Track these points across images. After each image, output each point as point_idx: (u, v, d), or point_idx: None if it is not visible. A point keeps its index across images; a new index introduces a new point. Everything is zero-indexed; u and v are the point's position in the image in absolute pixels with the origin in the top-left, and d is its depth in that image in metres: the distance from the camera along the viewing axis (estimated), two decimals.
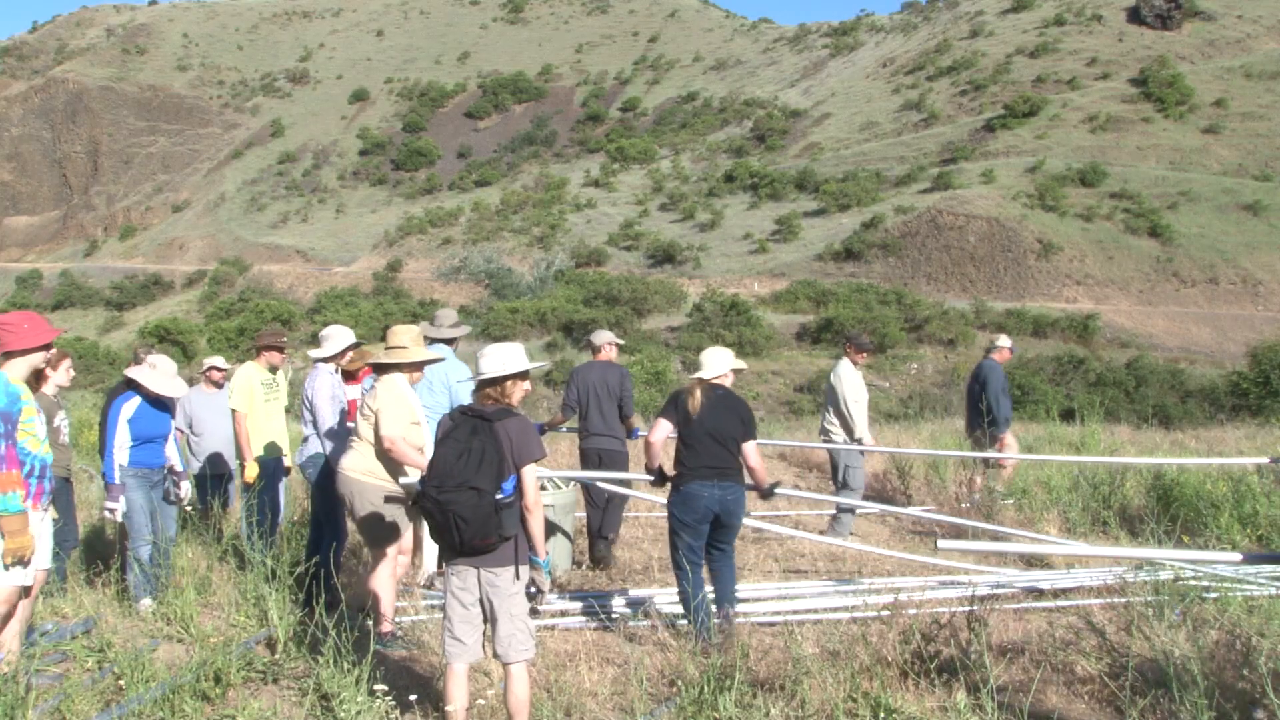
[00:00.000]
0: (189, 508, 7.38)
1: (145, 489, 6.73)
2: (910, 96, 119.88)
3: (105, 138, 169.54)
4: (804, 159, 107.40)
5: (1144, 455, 12.24)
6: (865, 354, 9.86)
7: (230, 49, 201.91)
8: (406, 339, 5.80)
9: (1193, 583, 6.57)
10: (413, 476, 5.66)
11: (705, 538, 6.16)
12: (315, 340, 7.20)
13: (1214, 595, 6.14)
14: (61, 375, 6.55)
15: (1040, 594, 6.99)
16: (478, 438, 4.48)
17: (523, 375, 4.75)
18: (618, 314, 52.47)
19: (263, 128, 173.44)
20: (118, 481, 6.61)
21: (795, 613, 6.49)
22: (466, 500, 4.36)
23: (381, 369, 5.84)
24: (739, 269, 75.36)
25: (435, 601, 6.75)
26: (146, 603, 6.49)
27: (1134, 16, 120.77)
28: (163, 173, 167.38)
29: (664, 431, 6.24)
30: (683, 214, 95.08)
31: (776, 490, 6.43)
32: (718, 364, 6.35)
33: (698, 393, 6.18)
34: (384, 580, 5.93)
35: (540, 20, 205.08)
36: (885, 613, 5.99)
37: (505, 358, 4.71)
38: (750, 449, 6.20)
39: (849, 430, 9.32)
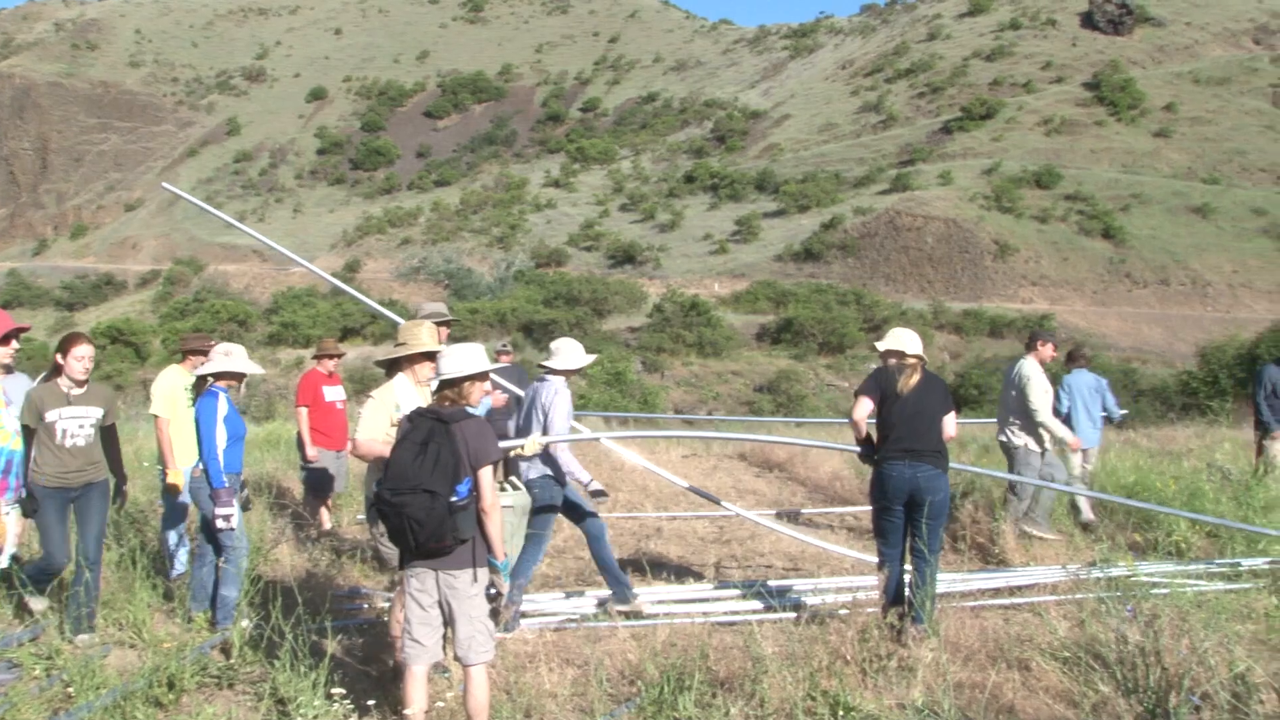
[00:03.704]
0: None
1: (234, 496, 6.33)
2: (869, 98, 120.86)
3: (54, 135, 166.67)
4: (764, 160, 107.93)
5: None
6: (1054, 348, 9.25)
7: (184, 46, 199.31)
8: (409, 335, 5.63)
9: (1144, 579, 6.67)
10: None
11: (903, 519, 6.14)
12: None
13: (1165, 591, 6.23)
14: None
15: (996, 592, 7.06)
16: (434, 440, 4.44)
17: (481, 376, 4.72)
18: (578, 314, 52.40)
19: (218, 126, 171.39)
20: (226, 485, 6.15)
21: (755, 612, 6.51)
22: (420, 503, 4.32)
23: (389, 369, 5.69)
24: (699, 269, 75.58)
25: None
26: (246, 624, 5.94)
27: (1087, 21, 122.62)
28: (115, 171, 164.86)
29: (866, 409, 6.20)
30: (643, 214, 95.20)
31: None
32: (918, 343, 6.33)
33: (916, 374, 6.17)
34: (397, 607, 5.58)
35: (500, 20, 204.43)
36: (844, 611, 6.02)
37: (464, 359, 4.68)
38: (949, 420, 6.21)
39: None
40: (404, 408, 5.37)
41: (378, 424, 5.40)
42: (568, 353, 6.76)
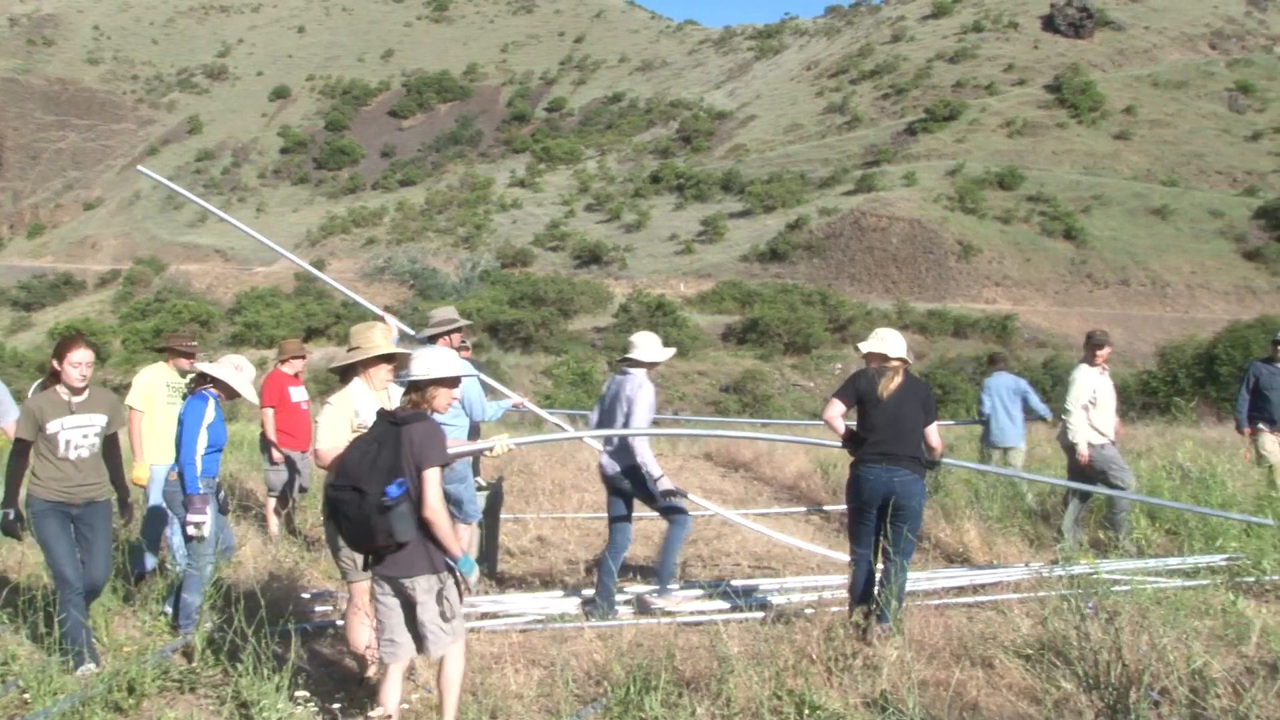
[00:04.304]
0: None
1: (214, 501, 6.22)
2: (834, 99, 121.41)
3: (10, 132, 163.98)
4: (729, 160, 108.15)
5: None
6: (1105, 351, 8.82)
7: (144, 43, 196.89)
8: (361, 339, 5.45)
9: (1105, 576, 6.75)
10: None
11: (874, 521, 6.09)
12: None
13: (1125, 588, 6.31)
14: None
15: (960, 590, 7.12)
16: (384, 440, 4.44)
17: (451, 383, 4.68)
18: (544, 315, 52.30)
19: (179, 124, 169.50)
20: (201, 491, 6.02)
21: (721, 611, 6.52)
22: (350, 500, 4.33)
23: (343, 375, 5.53)
24: (665, 270, 75.60)
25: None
26: (208, 626, 5.80)
27: (1048, 24, 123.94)
28: (73, 169, 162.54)
29: (837, 410, 6.17)
30: (609, 215, 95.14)
31: (941, 462, 6.45)
32: (902, 345, 6.31)
33: (897, 378, 6.14)
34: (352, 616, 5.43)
35: (465, 19, 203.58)
36: (810, 610, 6.05)
37: (432, 362, 4.63)
38: (932, 431, 6.20)
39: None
40: (362, 413, 5.26)
41: (338, 432, 5.24)
42: (649, 346, 6.90)
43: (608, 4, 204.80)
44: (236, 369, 6.28)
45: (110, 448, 5.95)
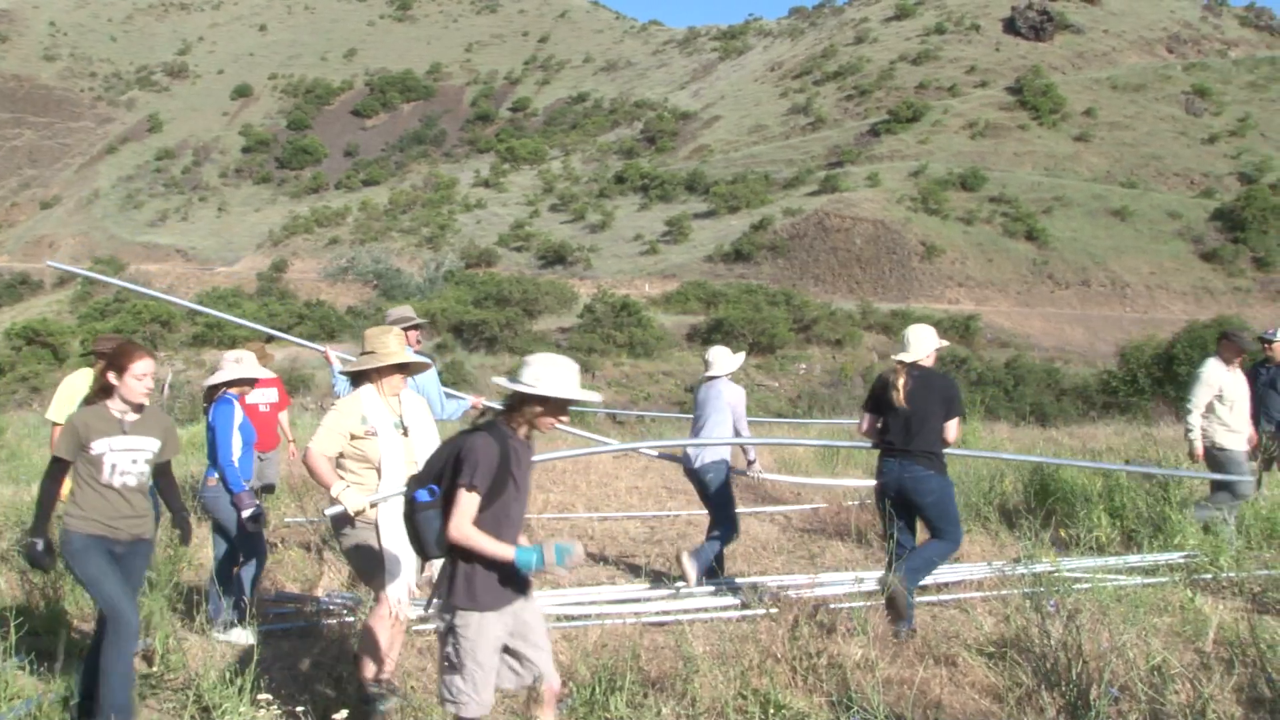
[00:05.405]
0: None
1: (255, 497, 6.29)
2: (798, 100, 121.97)
3: None
4: (694, 161, 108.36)
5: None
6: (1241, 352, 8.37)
7: (103, 40, 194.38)
8: (376, 343, 5.26)
9: (1066, 574, 6.82)
10: (340, 506, 5.03)
11: (900, 515, 6.30)
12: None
13: (1086, 586, 6.37)
14: None
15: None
16: (451, 444, 4.06)
17: (561, 406, 4.02)
18: (508, 315, 52.08)
19: (139, 122, 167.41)
20: (246, 489, 6.14)
21: (686, 611, 6.52)
22: (405, 505, 4.08)
23: (355, 379, 5.36)
24: (630, 270, 75.59)
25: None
26: (239, 633, 5.99)
27: (1009, 27, 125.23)
28: (29, 167, 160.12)
29: (865, 424, 6.59)
30: (573, 215, 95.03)
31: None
32: (922, 345, 6.47)
33: (900, 383, 6.30)
34: (377, 622, 5.19)
35: (429, 18, 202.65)
36: (774, 609, 6.06)
37: (551, 375, 3.96)
38: (951, 427, 6.31)
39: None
40: (370, 420, 5.12)
41: (331, 437, 5.06)
42: (725, 357, 7.68)
43: (572, 4, 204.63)
44: (236, 361, 6.48)
45: (163, 473, 5.28)
